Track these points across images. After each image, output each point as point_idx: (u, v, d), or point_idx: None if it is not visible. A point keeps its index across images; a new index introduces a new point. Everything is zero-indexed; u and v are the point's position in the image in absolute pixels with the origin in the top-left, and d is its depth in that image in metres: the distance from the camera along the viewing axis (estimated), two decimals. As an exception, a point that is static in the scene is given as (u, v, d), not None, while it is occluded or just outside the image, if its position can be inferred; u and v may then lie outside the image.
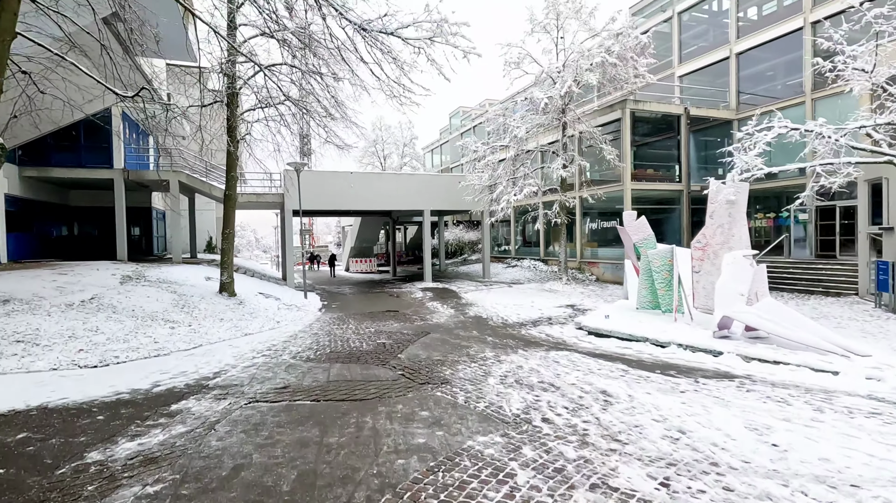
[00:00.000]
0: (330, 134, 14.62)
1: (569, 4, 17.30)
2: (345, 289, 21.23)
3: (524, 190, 16.72)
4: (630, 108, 18.79)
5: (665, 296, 10.28)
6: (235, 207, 13.53)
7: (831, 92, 16.76)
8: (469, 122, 42.46)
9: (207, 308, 11.35)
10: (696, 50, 23.17)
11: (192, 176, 18.96)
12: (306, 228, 70.97)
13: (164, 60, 15.66)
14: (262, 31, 12.63)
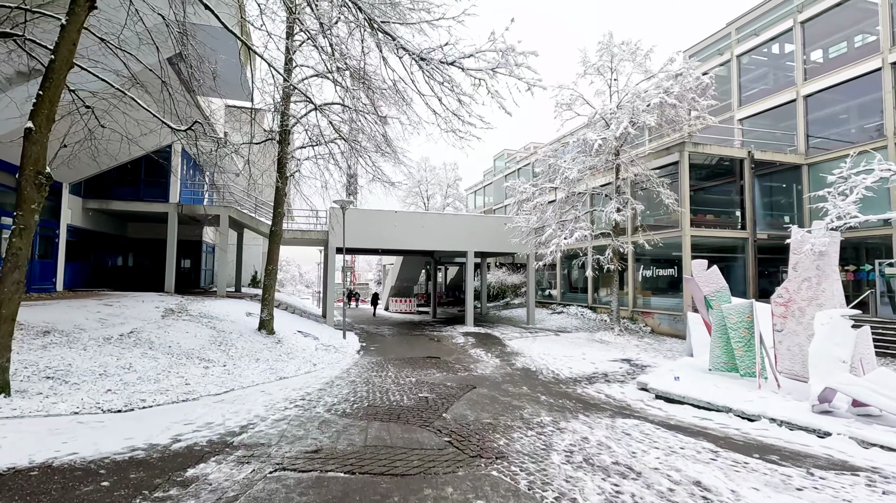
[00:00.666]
0: (377, 172, 14.48)
1: (623, 47, 16.91)
2: (384, 330, 20.64)
3: (575, 234, 15.87)
4: (689, 151, 17.85)
5: (744, 358, 9.04)
6: (280, 243, 13.37)
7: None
8: (513, 165, 42.34)
9: (244, 346, 10.96)
10: (757, 93, 22.13)
11: (241, 211, 19.28)
12: (348, 266, 71.98)
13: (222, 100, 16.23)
14: (316, 73, 12.81)
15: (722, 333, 9.57)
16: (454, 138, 5.78)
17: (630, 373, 11.41)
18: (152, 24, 8.51)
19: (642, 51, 16.97)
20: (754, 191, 19.09)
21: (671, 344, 16.40)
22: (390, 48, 5.27)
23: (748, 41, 22.17)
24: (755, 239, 18.70)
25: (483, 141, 5.97)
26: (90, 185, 17.60)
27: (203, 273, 24.42)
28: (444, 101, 5.45)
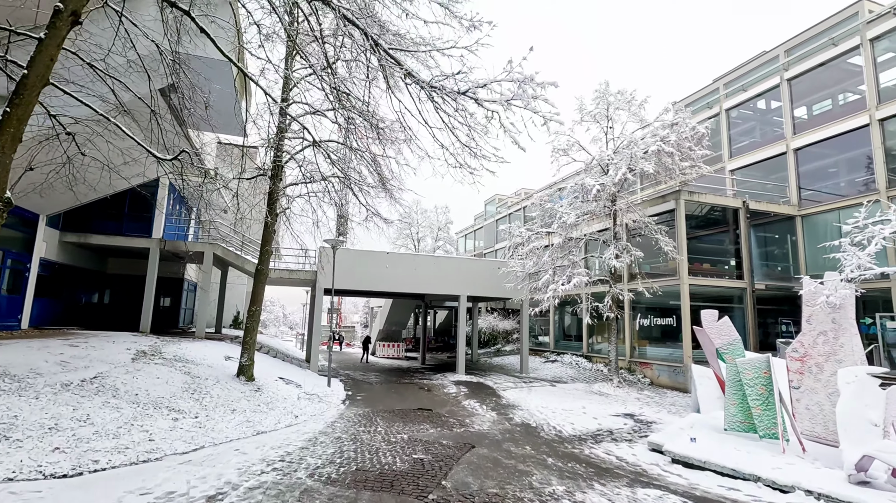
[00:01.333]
0: (372, 211, 14.05)
1: (619, 96, 17.13)
2: (371, 377, 19.60)
3: (573, 280, 15.41)
4: (685, 199, 17.79)
5: (763, 418, 8.39)
6: (266, 283, 12.66)
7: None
8: (505, 210, 42.48)
9: (220, 395, 10.03)
10: (747, 145, 22.54)
11: (227, 249, 18.59)
12: (335, 307, 70.50)
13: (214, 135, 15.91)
14: (315, 110, 12.57)
15: (737, 390, 8.95)
16: (463, 173, 5.36)
17: (636, 430, 10.65)
18: (145, 51, 8.17)
19: (637, 100, 17.21)
20: (750, 240, 18.98)
21: (673, 397, 15.66)
22: (397, 76, 4.91)
23: (736, 96, 22.79)
24: (753, 289, 18.41)
25: (497, 175, 5.54)
26: (69, 218, 16.86)
27: (183, 312, 23.34)
28: (455, 133, 5.05)
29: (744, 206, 18.89)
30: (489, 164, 5.27)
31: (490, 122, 5.01)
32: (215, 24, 7.99)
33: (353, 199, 14.06)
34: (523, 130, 4.91)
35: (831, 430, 8.52)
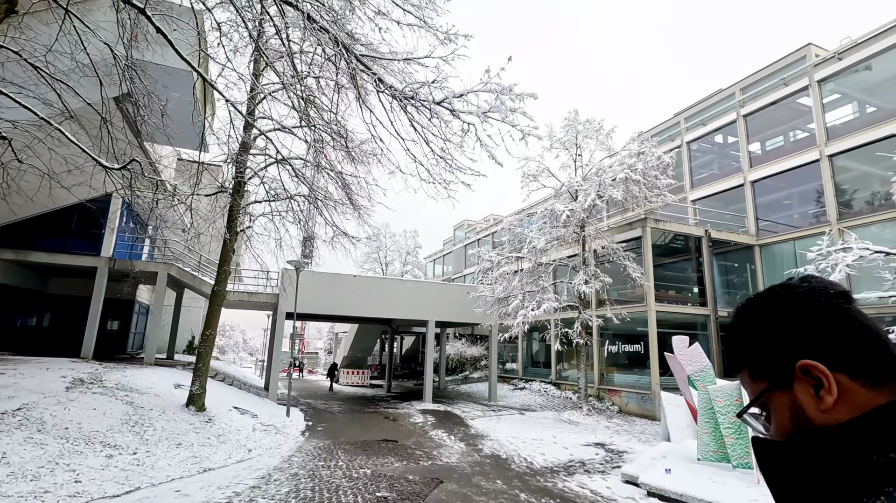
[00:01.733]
0: (338, 233, 13.60)
1: (587, 124, 17.47)
2: (333, 406, 18.69)
3: (542, 305, 15.27)
4: (651, 226, 18.12)
5: (735, 447, 8.25)
6: (222, 305, 11.92)
7: (866, 220, 16.21)
8: (473, 235, 42.55)
9: (166, 427, 9.17)
10: (707, 177, 23.38)
11: (182, 269, 17.61)
12: (298, 333, 68.19)
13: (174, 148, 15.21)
14: (282, 126, 12.17)
15: (709, 418, 8.82)
16: (437, 189, 5.08)
17: (608, 460, 10.35)
18: (98, 55, 7.64)
19: (605, 130, 17.59)
20: (713, 268, 19.44)
21: (642, 425, 15.53)
22: (368, 84, 4.63)
23: (696, 129, 23.73)
24: (717, 316, 18.74)
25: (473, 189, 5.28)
26: (6, 233, 15.62)
27: (132, 337, 21.88)
28: (430, 144, 4.78)
29: (706, 234, 19.40)
30: (465, 176, 5.02)
31: (466, 135, 4.78)
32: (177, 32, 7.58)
33: (320, 219, 13.61)
34: (500, 144, 4.70)
35: (802, 459, 8.46)
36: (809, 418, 0.67)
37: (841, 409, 0.65)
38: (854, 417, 0.63)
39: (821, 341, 0.68)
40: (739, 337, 0.78)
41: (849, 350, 0.67)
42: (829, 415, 0.66)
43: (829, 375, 0.66)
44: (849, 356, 0.67)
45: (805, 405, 0.68)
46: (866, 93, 18.16)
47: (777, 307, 0.74)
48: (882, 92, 17.62)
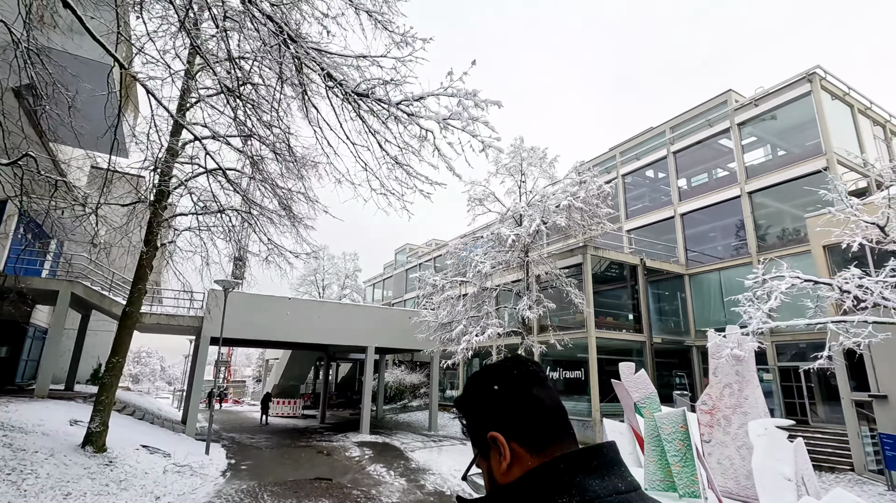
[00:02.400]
0: (273, 251, 12.65)
1: (532, 152, 17.76)
2: (260, 440, 17.14)
3: (487, 331, 14.97)
4: (590, 254, 18.55)
5: (682, 475, 8.17)
6: (134, 329, 10.54)
7: (779, 253, 17.43)
8: (415, 259, 42.12)
9: (52, 474, 7.73)
10: (640, 208, 24.56)
11: (90, 288, 15.68)
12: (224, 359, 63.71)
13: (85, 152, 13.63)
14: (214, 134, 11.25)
15: (656, 446, 8.73)
16: (389, 200, 4.61)
17: (555, 493, 9.99)
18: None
19: (548, 158, 17.94)
20: (648, 296, 20.15)
21: (583, 453, 15.40)
22: (316, 78, 4.14)
23: (631, 163, 25.01)
24: (652, 342, 19.33)
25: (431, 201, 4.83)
26: None
27: (24, 364, 19.14)
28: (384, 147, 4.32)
29: (641, 263, 20.16)
30: (422, 184, 4.58)
31: (424, 143, 4.37)
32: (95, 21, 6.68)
33: (254, 235, 12.62)
34: (460, 154, 4.32)
35: (742, 485, 8.53)
36: (496, 478, 0.84)
37: (515, 470, 0.82)
38: (519, 476, 0.80)
39: (502, 417, 0.86)
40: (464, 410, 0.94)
41: (520, 424, 0.84)
42: (506, 476, 0.82)
43: (504, 444, 0.83)
44: (520, 429, 0.84)
45: (493, 468, 0.85)
46: (777, 137, 19.92)
47: (479, 386, 0.92)
48: (790, 137, 19.40)
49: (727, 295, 19.90)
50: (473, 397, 0.93)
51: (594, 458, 0.80)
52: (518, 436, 0.83)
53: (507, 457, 0.81)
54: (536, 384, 0.89)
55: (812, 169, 17.34)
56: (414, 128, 4.36)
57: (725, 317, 19.73)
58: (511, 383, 0.89)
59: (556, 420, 0.87)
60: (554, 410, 0.88)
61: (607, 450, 0.82)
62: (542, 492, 0.77)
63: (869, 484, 11.49)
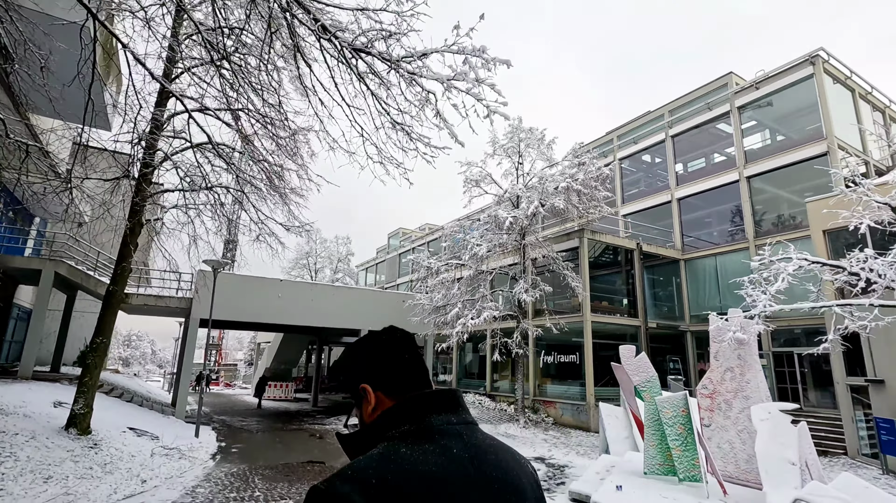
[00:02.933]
0: (263, 231, 12.27)
1: (530, 133, 17.39)
2: (252, 423, 16.92)
3: (483, 314, 14.75)
4: (587, 238, 18.31)
5: (682, 459, 8.04)
6: (119, 309, 10.17)
7: (777, 238, 17.26)
8: (408, 243, 41.75)
9: (33, 457, 7.43)
10: (637, 193, 24.32)
11: (74, 268, 15.20)
12: (214, 342, 63.28)
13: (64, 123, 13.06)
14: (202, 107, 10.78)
15: (656, 430, 8.58)
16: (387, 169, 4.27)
17: (552, 476, 9.90)
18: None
19: (546, 140, 17.60)
20: (644, 280, 20.00)
21: (578, 437, 15.37)
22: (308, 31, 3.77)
23: (628, 147, 24.68)
24: (647, 327, 19.25)
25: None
26: None
27: (8, 346, 18.68)
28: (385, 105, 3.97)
29: (638, 247, 19.97)
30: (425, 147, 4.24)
31: (425, 106, 4.02)
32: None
33: (244, 214, 12.22)
34: (465, 118, 3.98)
35: (743, 469, 8.43)
36: (364, 419, 1.07)
37: (378, 412, 1.04)
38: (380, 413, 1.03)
39: (370, 372, 1.08)
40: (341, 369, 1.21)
41: (382, 377, 1.07)
42: (371, 416, 1.04)
43: (371, 392, 1.06)
44: (382, 380, 1.07)
45: (364, 412, 1.07)
46: (777, 121, 19.67)
47: (355, 350, 1.15)
48: (790, 121, 19.16)
49: (723, 280, 19.84)
50: (350, 359, 1.12)
51: (436, 398, 1.02)
52: (381, 386, 1.05)
53: (373, 402, 1.04)
54: (399, 347, 1.10)
55: (812, 153, 17.15)
56: (415, 89, 4.01)
57: (721, 303, 19.69)
58: (378, 346, 1.11)
59: (413, 374, 1.08)
60: (411, 367, 1.09)
61: (448, 393, 1.04)
62: (393, 422, 0.99)
63: (863, 468, 11.51)
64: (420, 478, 0.87)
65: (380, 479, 0.85)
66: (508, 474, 0.97)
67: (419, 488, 0.86)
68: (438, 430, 0.97)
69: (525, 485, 1.00)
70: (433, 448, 0.93)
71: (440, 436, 0.96)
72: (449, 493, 0.87)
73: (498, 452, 1.00)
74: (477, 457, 0.95)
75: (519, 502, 0.96)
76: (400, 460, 0.90)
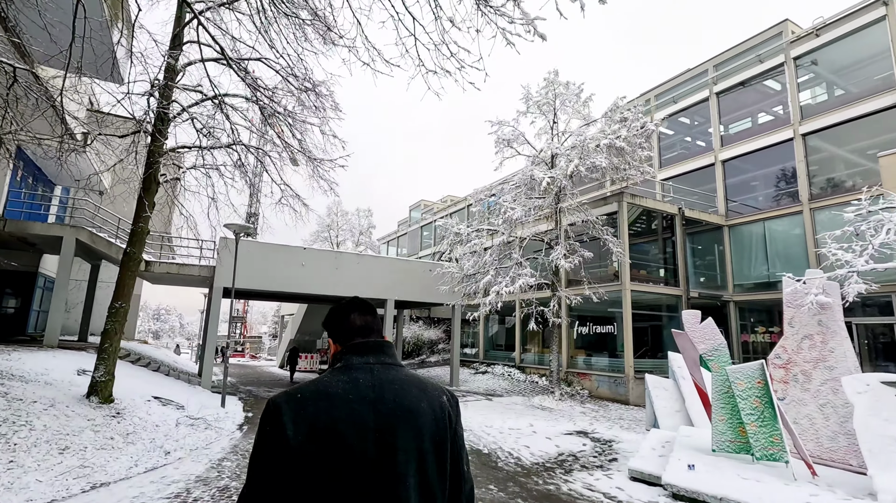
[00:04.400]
0: (286, 193, 11.52)
1: (567, 87, 16.08)
2: (278, 394, 16.56)
3: (518, 281, 13.85)
4: (627, 202, 17.12)
5: (759, 436, 7.14)
6: (137, 272, 9.59)
7: (837, 201, 15.84)
8: (430, 216, 40.85)
9: (50, 426, 6.94)
10: (677, 156, 22.83)
11: (96, 235, 14.77)
12: (239, 315, 64.03)
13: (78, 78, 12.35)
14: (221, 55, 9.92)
15: (725, 403, 7.68)
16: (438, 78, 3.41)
17: (600, 452, 9.13)
18: None
19: (583, 97, 16.26)
20: (686, 248, 18.79)
21: (617, 410, 14.59)
22: None
23: (667, 107, 23.03)
24: (689, 297, 18.13)
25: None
26: None
27: (34, 315, 18.63)
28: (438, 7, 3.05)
29: (680, 212, 18.69)
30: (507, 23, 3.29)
31: None
32: None
33: (265, 175, 11.47)
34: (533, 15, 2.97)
35: (826, 447, 7.48)
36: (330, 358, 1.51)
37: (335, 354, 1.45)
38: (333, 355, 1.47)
39: (331, 329, 1.48)
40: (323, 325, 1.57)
41: (336, 332, 1.46)
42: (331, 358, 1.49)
43: (331, 343, 1.49)
44: (336, 334, 1.46)
45: (331, 354, 1.48)
46: (838, 72, 17.89)
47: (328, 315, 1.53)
48: (854, 71, 17.39)
49: (772, 247, 18.51)
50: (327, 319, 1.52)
51: (360, 346, 1.41)
52: (334, 337, 1.47)
53: (332, 349, 1.49)
54: (348, 311, 1.49)
55: (882, 105, 15.50)
56: None
57: (769, 271, 18.44)
58: (335, 310, 1.51)
59: (355, 330, 1.45)
60: (355, 325, 1.46)
61: (371, 343, 1.42)
62: (333, 361, 1.42)
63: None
64: (324, 394, 1.26)
65: (301, 394, 1.27)
66: (406, 398, 1.30)
67: (320, 399, 1.25)
68: (354, 366, 1.35)
69: (424, 408, 1.30)
70: (345, 377, 1.31)
71: (354, 370, 1.33)
72: (342, 405, 1.24)
73: (404, 384, 1.33)
74: (379, 385, 1.30)
75: (410, 419, 1.27)
76: (318, 383, 1.31)
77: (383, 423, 1.24)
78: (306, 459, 1.18)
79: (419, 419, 1.27)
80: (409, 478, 1.23)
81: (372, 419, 1.23)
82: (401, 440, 1.24)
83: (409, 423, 1.26)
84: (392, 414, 1.25)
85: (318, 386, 1.28)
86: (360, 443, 1.20)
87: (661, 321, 18.66)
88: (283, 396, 1.27)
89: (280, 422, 1.21)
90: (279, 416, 1.22)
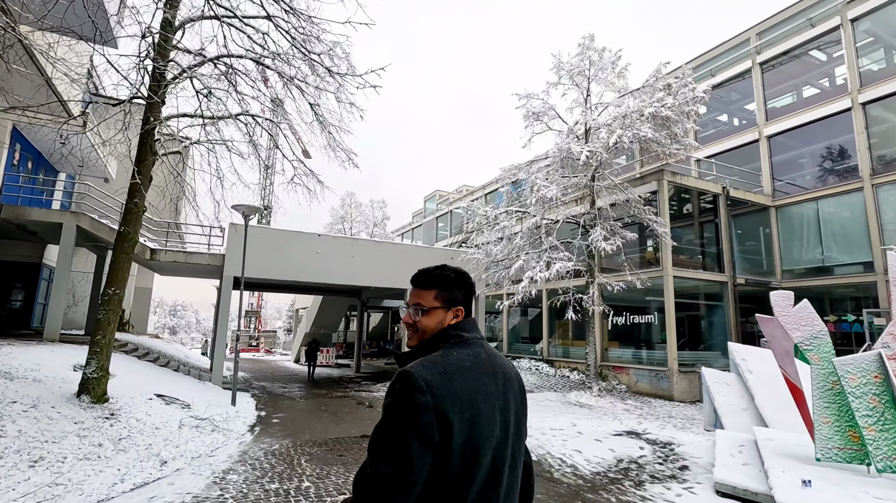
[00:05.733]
0: (298, 171, 10.37)
1: (603, 54, 14.66)
2: (293, 390, 15.55)
3: (554, 266, 12.56)
4: (667, 180, 15.68)
5: (879, 441, 5.81)
6: (132, 255, 8.50)
7: (906, 175, 14.25)
8: (445, 206, 39.62)
9: (25, 430, 5.88)
10: (715, 133, 21.23)
11: (98, 222, 13.80)
12: (253, 310, 63.62)
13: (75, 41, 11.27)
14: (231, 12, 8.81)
15: (830, 402, 6.34)
16: None
17: (664, 457, 7.85)
18: None
19: (619, 66, 14.81)
20: (731, 230, 17.28)
21: (662, 407, 13.27)
22: None
23: (704, 81, 21.34)
24: (735, 283, 16.65)
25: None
26: None
27: (38, 308, 17.82)
28: None
29: (724, 192, 17.18)
30: None
31: None
32: None
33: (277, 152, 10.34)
34: None
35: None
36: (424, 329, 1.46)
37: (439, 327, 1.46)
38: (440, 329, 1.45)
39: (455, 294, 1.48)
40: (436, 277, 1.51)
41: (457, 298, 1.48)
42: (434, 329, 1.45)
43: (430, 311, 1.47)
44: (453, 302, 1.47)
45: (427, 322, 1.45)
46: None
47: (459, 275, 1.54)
48: (920, 34, 15.68)
49: (826, 227, 16.91)
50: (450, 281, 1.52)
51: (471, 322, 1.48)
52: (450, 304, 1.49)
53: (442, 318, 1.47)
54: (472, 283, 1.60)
55: (958, 67, 13.80)
56: None
57: (822, 254, 16.88)
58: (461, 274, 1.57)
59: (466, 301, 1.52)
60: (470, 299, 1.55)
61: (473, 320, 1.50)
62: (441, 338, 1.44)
63: None
64: (463, 368, 1.32)
65: (444, 368, 1.29)
66: (507, 370, 1.44)
67: (460, 374, 1.29)
68: (469, 341, 1.41)
69: (515, 377, 1.46)
70: (468, 351, 1.38)
71: (471, 345, 1.40)
72: (475, 377, 1.32)
73: (501, 358, 1.47)
74: (492, 358, 1.42)
75: (512, 387, 1.43)
76: (448, 358, 1.34)
77: (501, 396, 1.36)
78: (457, 434, 1.21)
79: (518, 388, 1.46)
80: (522, 443, 1.45)
81: (497, 392, 1.35)
82: (513, 409, 1.40)
83: (514, 393, 1.42)
84: (504, 386, 1.39)
85: (451, 359, 1.33)
86: (491, 414, 1.30)
87: (698, 311, 17.24)
88: (423, 370, 1.26)
89: (432, 395, 1.21)
90: (430, 391, 1.22)
